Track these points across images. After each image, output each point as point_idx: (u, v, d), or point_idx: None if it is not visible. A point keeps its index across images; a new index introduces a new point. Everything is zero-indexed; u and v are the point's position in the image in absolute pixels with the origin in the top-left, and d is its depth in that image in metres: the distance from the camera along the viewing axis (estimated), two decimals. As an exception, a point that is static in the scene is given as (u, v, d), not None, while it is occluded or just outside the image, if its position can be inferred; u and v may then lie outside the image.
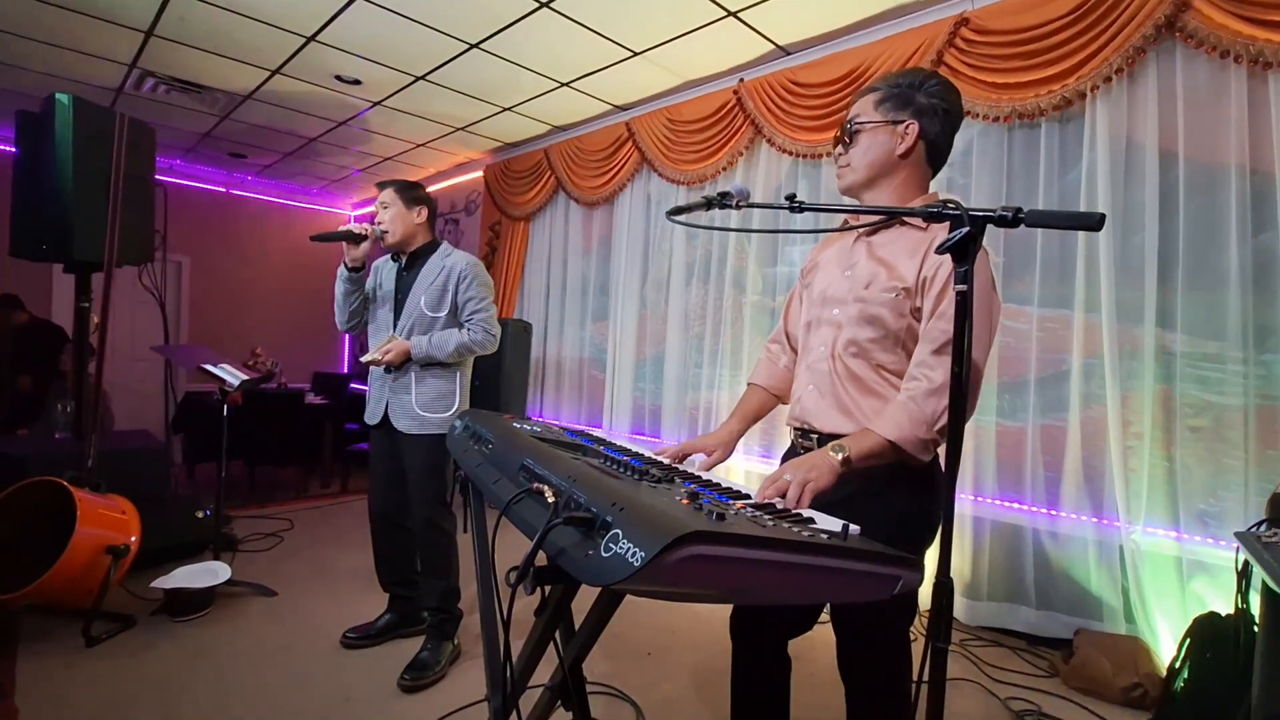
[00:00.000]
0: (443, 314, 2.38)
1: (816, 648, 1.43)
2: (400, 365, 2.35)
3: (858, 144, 1.35)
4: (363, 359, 2.37)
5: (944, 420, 1.15)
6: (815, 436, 1.37)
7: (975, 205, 3.02)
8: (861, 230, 1.39)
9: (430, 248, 2.46)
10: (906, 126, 1.32)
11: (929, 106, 1.32)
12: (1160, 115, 2.44)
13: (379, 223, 2.40)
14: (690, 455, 1.46)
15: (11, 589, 2.24)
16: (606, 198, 4.60)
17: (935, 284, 1.24)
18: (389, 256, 2.53)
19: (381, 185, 2.44)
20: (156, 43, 3.70)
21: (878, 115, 1.34)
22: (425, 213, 2.44)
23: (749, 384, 1.64)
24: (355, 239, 2.34)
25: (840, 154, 1.39)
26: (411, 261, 2.45)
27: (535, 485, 0.95)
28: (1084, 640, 2.42)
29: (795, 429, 1.46)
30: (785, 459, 1.46)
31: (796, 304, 1.58)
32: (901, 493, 1.28)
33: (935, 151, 1.36)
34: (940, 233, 1.23)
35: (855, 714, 1.39)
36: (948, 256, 1.13)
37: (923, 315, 1.26)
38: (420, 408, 2.35)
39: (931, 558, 0.91)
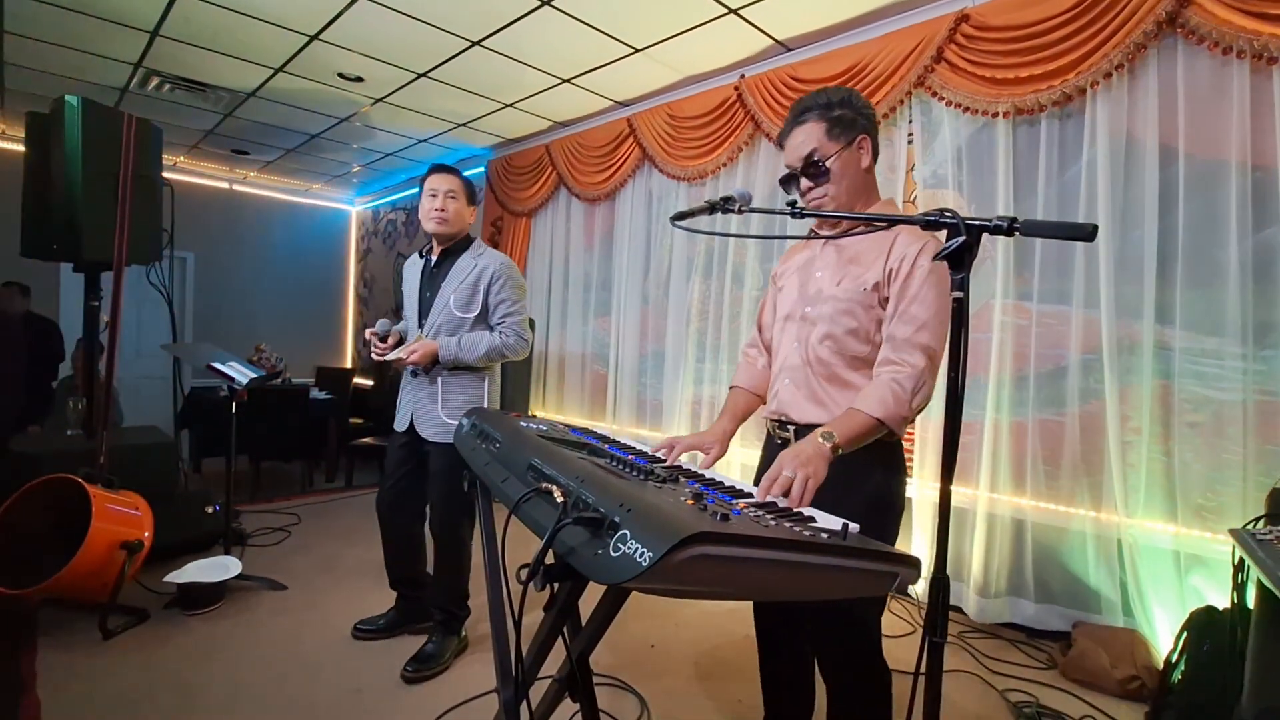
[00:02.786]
0: (472, 315, 2.30)
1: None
2: (428, 369, 2.29)
3: (832, 176, 1.42)
4: (388, 356, 2.30)
5: (919, 400, 1.29)
6: (792, 427, 1.47)
7: (976, 199, 3.01)
8: (828, 236, 1.51)
9: (463, 245, 2.39)
10: (861, 142, 1.44)
11: (867, 117, 1.44)
12: (1161, 111, 2.45)
13: (441, 209, 2.28)
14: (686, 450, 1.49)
15: (28, 584, 2.29)
16: (608, 194, 4.61)
17: (901, 274, 1.35)
18: (417, 253, 2.49)
19: (442, 168, 2.35)
20: (162, 42, 3.71)
21: (835, 143, 1.41)
22: (474, 214, 2.43)
23: (732, 386, 1.71)
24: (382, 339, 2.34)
25: (809, 188, 1.44)
26: (443, 259, 2.38)
27: (544, 485, 0.98)
28: (1082, 633, 2.45)
29: (772, 421, 1.55)
30: (765, 449, 1.60)
31: (770, 309, 1.67)
32: (874, 478, 1.37)
33: (876, 154, 1.48)
34: (901, 231, 1.37)
35: (836, 709, 1.46)
36: (911, 249, 1.33)
37: (890, 302, 1.37)
38: (448, 415, 2.28)
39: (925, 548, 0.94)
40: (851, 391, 1.39)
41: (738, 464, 3.69)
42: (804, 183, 1.45)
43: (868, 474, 1.35)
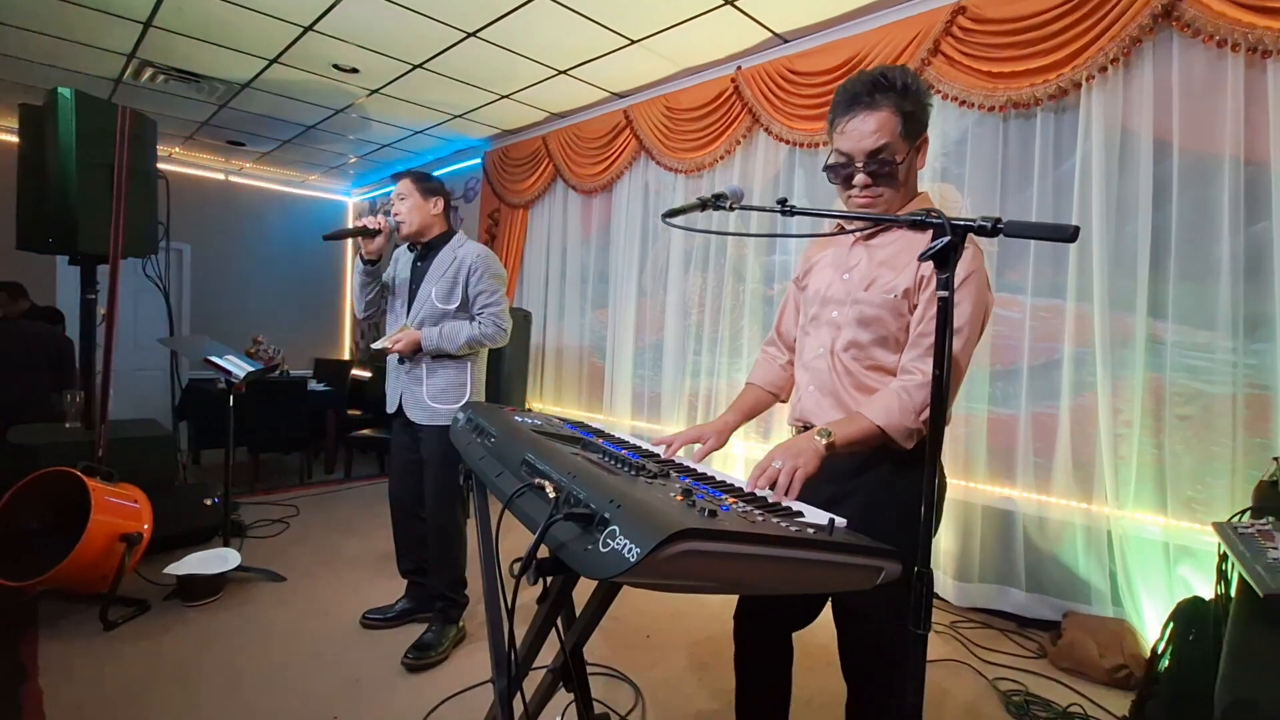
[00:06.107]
0: (453, 306, 2.40)
1: (813, 630, 1.48)
2: (413, 356, 2.39)
3: (894, 180, 1.27)
4: (374, 345, 2.41)
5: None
6: None
7: (970, 193, 3.00)
8: (859, 234, 1.39)
9: (444, 238, 2.47)
10: (922, 142, 1.30)
11: (928, 113, 1.30)
12: (1155, 105, 2.45)
13: (395, 213, 2.42)
14: (684, 444, 1.48)
15: (29, 576, 2.31)
16: (605, 185, 4.60)
17: (932, 282, 1.24)
18: (406, 246, 2.55)
19: (398, 176, 2.47)
20: (155, 33, 3.69)
21: (907, 142, 1.27)
22: (441, 204, 2.47)
23: (747, 383, 1.66)
24: (369, 234, 2.37)
25: (865, 185, 1.29)
26: (426, 252, 2.47)
27: (537, 480, 0.99)
28: (1072, 622, 2.48)
29: (797, 426, 1.48)
30: None
31: (791, 307, 1.61)
32: (910, 484, 1.23)
33: None
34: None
35: (856, 705, 1.41)
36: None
37: (918, 309, 1.28)
38: (431, 399, 2.39)
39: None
40: None
41: (741, 459, 3.71)
42: (860, 178, 1.28)
43: (900, 488, 1.25)
